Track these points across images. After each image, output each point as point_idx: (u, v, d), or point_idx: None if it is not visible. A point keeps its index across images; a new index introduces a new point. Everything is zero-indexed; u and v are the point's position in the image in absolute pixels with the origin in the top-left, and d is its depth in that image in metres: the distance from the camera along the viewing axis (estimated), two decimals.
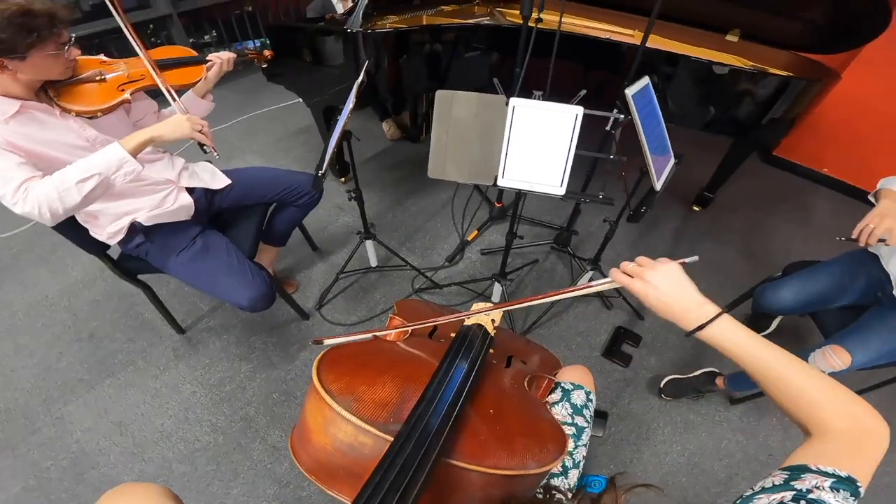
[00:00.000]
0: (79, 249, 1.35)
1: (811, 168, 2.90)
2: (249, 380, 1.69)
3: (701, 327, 0.60)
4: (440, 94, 1.19)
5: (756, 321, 1.92)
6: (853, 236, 1.15)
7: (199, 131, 1.12)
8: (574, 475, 0.87)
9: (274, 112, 3.42)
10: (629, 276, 0.68)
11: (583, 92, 1.22)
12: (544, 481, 0.84)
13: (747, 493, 0.48)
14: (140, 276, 1.51)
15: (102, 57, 1.20)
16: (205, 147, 1.17)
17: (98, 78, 1.14)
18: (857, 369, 1.23)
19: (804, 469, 0.47)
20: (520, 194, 1.49)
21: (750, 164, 3.03)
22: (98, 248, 1.38)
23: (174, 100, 1.18)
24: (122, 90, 1.16)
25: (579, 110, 1.14)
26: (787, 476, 0.47)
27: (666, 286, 0.64)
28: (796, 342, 1.91)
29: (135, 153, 1.04)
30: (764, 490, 0.47)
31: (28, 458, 1.46)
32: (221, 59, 1.37)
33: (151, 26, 3.37)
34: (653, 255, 2.27)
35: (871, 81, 2.42)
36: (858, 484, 0.45)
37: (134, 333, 1.83)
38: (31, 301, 1.94)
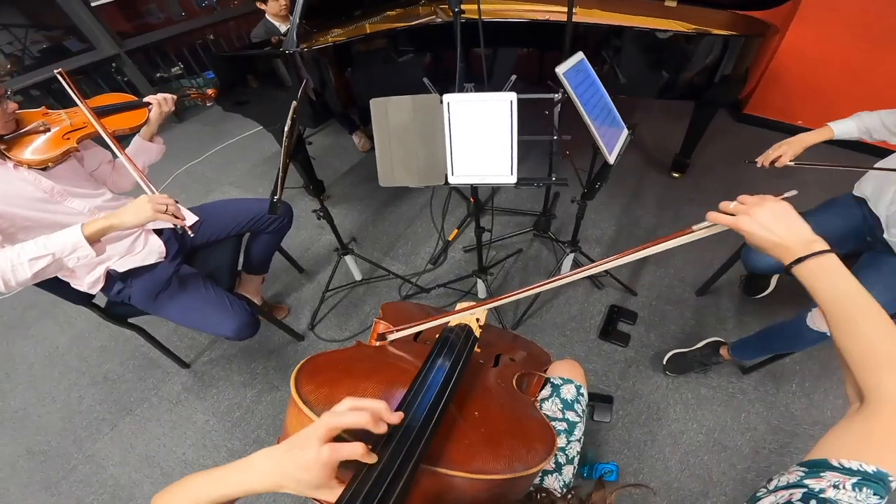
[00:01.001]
0: None
1: (785, 122, 2.88)
2: (256, 403, 1.75)
3: (801, 259, 0.57)
4: (374, 103, 1.20)
5: (753, 281, 1.86)
6: (756, 161, 1.35)
7: (164, 212, 1.08)
8: (569, 471, 0.86)
9: (245, 140, 3.49)
10: (731, 215, 0.63)
11: (513, 77, 1.21)
12: (537, 480, 0.83)
13: (760, 491, 0.44)
14: (132, 320, 1.57)
15: (45, 109, 1.23)
16: (177, 227, 1.13)
17: (42, 129, 1.16)
18: None
19: (824, 465, 0.42)
20: (478, 189, 1.49)
21: (723, 125, 2.99)
22: (84, 299, 1.43)
23: (118, 149, 1.18)
24: (68, 138, 1.19)
25: (513, 96, 1.14)
26: (803, 473, 0.43)
27: (775, 222, 0.60)
28: (798, 299, 1.83)
29: (93, 239, 1.05)
30: (777, 488, 0.43)
31: (71, 495, 1.56)
32: (158, 99, 1.35)
33: (114, 65, 3.46)
34: (638, 225, 2.25)
35: (817, 32, 2.45)
36: (890, 479, 0.40)
37: (143, 372, 1.91)
38: (44, 353, 2.05)
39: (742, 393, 1.59)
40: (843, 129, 1.32)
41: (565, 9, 2.05)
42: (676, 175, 2.58)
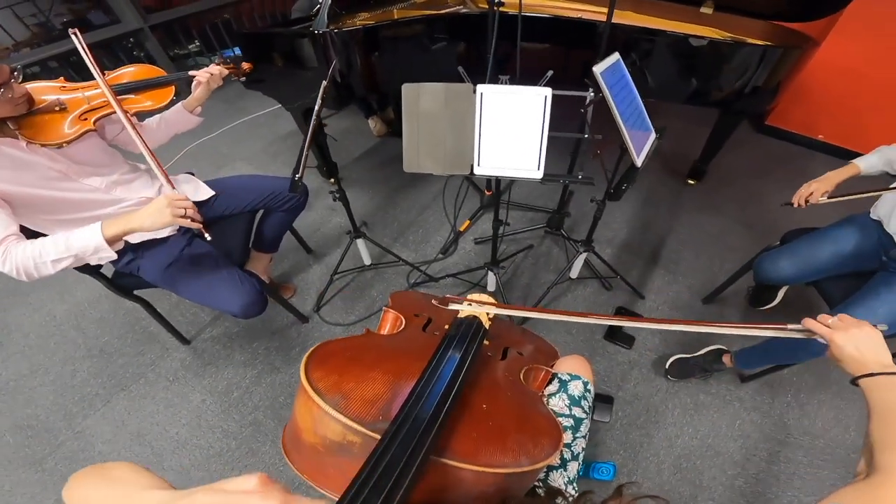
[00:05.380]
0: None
1: (806, 135, 2.88)
2: (255, 385, 1.72)
3: (873, 374, 0.66)
4: (406, 88, 1.18)
5: (760, 293, 1.87)
6: (791, 201, 1.39)
7: (183, 216, 1.04)
8: (573, 467, 0.86)
9: (260, 118, 3.45)
10: (828, 327, 0.74)
11: (549, 73, 1.20)
12: (542, 475, 0.83)
13: None
14: (137, 292, 1.54)
15: (62, 82, 1.18)
16: (195, 231, 1.12)
17: (58, 108, 1.11)
18: None
19: None
20: (500, 181, 1.48)
21: (743, 135, 2.99)
22: (91, 268, 1.40)
23: (135, 133, 1.11)
24: (86, 119, 1.14)
25: (548, 92, 1.13)
26: None
27: (869, 346, 0.69)
28: (804, 313, 1.84)
29: (112, 241, 1.04)
30: None
31: (56, 472, 1.51)
32: (211, 73, 1.36)
33: (132, 40, 3.41)
34: (650, 229, 2.26)
35: (852, 47, 2.43)
36: None
37: (142, 347, 1.87)
38: (41, 322, 2.00)
39: (739, 401, 1.62)
40: (868, 164, 1.34)
41: (597, 8, 2.05)
42: (692, 182, 2.58)
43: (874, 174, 1.36)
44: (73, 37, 1.04)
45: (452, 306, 0.92)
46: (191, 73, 1.36)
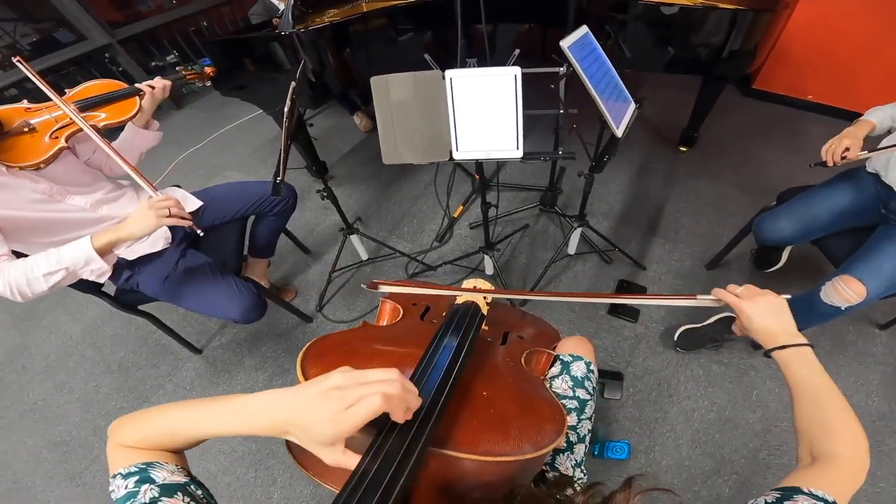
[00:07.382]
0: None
1: (795, 97, 2.84)
2: (267, 387, 1.74)
3: (784, 346, 0.67)
4: (374, 81, 1.18)
5: (764, 255, 1.83)
6: (822, 158, 1.24)
7: (168, 216, 1.06)
8: (580, 449, 0.85)
9: (245, 124, 3.45)
10: (736, 296, 0.73)
11: (517, 52, 1.18)
12: (549, 459, 0.83)
13: None
14: (142, 307, 1.57)
15: (25, 103, 1.15)
16: (186, 229, 1.15)
17: (26, 129, 1.10)
18: (876, 299, 1.14)
19: (797, 491, 0.49)
20: (481, 164, 1.47)
21: (732, 100, 2.94)
22: (92, 288, 1.43)
23: (105, 145, 1.10)
24: (57, 137, 1.12)
25: (517, 70, 1.12)
26: (778, 496, 0.49)
27: (773, 314, 0.71)
28: (810, 274, 1.80)
29: (103, 252, 1.06)
30: None
31: (95, 485, 1.58)
32: (155, 86, 1.31)
33: (107, 55, 3.44)
34: (646, 199, 2.24)
35: (827, 6, 2.40)
36: None
37: (156, 359, 1.93)
38: (58, 343, 2.07)
39: (753, 370, 1.57)
40: (879, 118, 1.26)
41: None
42: (684, 149, 2.55)
43: (882, 131, 1.29)
44: (18, 65, 1.02)
45: (447, 292, 0.92)
46: (139, 85, 1.31)
